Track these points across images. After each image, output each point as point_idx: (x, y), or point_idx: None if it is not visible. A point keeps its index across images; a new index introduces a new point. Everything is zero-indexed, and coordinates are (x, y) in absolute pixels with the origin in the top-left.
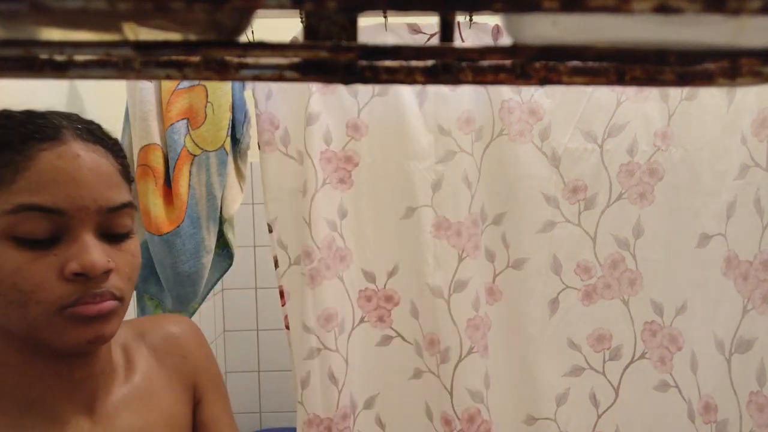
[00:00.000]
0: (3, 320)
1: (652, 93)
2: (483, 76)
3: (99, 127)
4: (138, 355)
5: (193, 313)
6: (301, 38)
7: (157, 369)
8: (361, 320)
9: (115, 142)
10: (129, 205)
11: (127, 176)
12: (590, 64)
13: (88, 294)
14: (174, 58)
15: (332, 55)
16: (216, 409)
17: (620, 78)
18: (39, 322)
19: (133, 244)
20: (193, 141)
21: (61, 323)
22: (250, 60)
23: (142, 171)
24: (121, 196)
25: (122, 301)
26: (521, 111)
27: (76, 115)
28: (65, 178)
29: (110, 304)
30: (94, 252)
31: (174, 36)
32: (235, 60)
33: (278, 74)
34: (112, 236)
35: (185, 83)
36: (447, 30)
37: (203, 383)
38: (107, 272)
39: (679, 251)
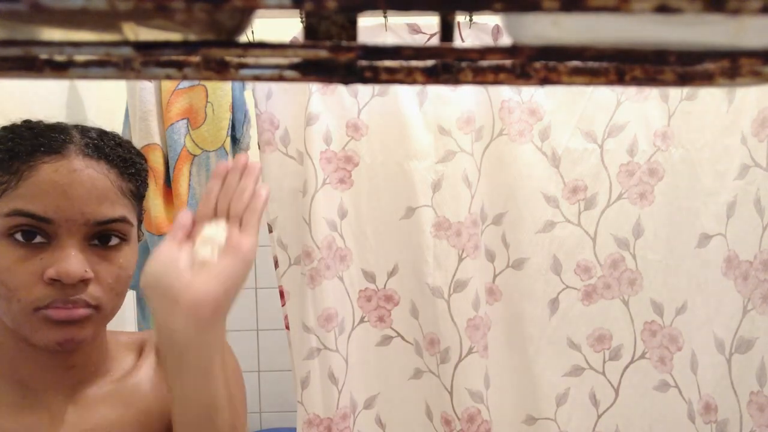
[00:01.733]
0: None
1: (652, 93)
2: (483, 76)
3: (117, 144)
4: (145, 362)
5: None
6: (301, 38)
7: (160, 377)
8: (361, 320)
9: (125, 159)
10: (121, 220)
11: (134, 192)
12: (590, 64)
13: (61, 299)
14: (174, 58)
15: (332, 55)
16: None
17: (620, 78)
18: (19, 318)
19: (123, 257)
20: (193, 141)
21: (36, 322)
22: (250, 60)
23: None
24: (113, 211)
25: (98, 309)
26: (521, 111)
27: (99, 130)
28: (57, 191)
29: (82, 311)
30: (72, 261)
31: (174, 36)
32: (235, 60)
33: (278, 74)
34: (102, 247)
35: (185, 83)
36: (447, 30)
37: None
38: (85, 281)
39: (679, 251)
